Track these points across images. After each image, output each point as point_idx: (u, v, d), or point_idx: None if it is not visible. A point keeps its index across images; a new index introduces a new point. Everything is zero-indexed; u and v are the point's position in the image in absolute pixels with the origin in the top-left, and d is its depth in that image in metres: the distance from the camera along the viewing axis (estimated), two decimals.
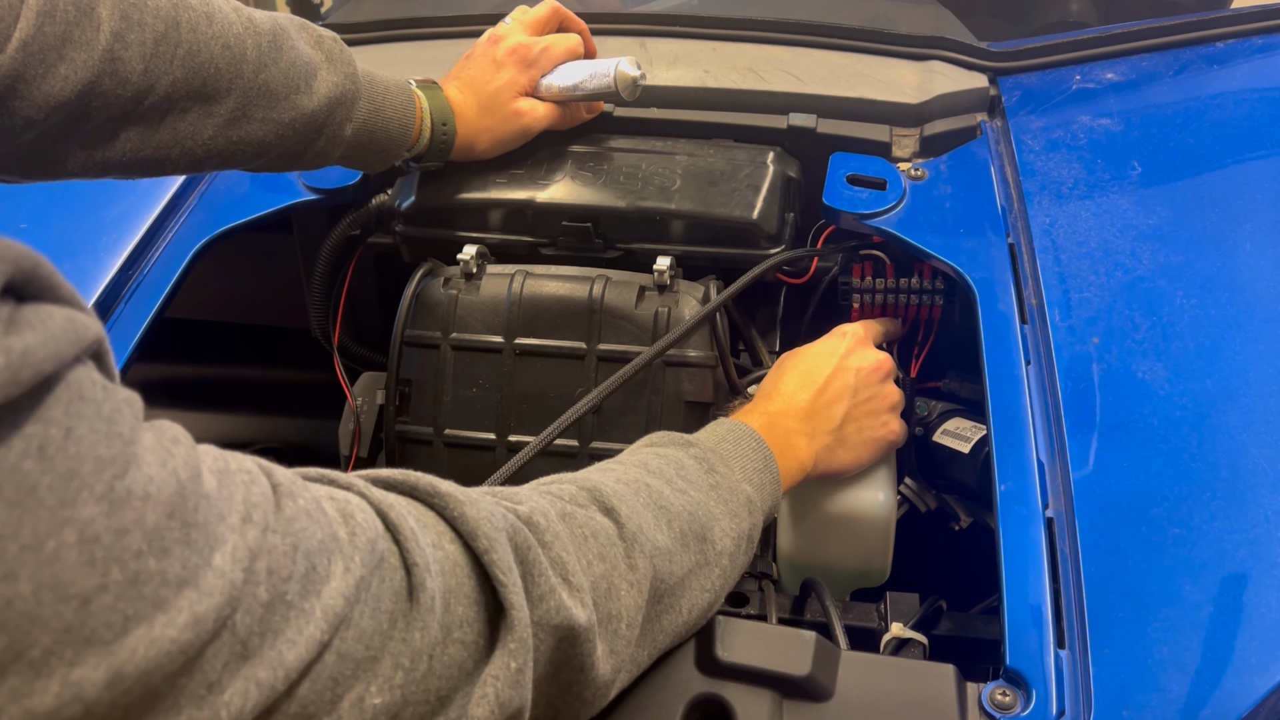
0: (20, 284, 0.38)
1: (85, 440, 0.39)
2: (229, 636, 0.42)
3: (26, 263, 0.38)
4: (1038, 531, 0.77)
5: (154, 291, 1.02)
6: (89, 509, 0.38)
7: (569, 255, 1.04)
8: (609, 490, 0.67)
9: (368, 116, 0.93)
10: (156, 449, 0.42)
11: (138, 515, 0.40)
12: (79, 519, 0.38)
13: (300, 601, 0.45)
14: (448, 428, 0.99)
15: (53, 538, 0.37)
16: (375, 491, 0.54)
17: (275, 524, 0.45)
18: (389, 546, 0.51)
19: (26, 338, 0.37)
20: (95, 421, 0.39)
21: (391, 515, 0.52)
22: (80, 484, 0.38)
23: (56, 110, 0.75)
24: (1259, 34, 1.22)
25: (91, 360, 0.42)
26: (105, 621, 0.38)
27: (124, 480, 0.39)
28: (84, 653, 0.38)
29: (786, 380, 0.89)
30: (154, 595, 0.40)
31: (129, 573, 0.39)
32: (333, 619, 0.46)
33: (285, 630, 0.44)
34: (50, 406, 0.38)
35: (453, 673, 0.52)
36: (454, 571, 0.54)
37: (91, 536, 0.38)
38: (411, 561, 0.51)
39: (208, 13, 0.83)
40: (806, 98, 1.12)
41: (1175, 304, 0.90)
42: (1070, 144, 1.07)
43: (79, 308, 0.41)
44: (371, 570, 0.49)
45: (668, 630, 0.67)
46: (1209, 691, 0.67)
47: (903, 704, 0.68)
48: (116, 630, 0.39)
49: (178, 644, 0.40)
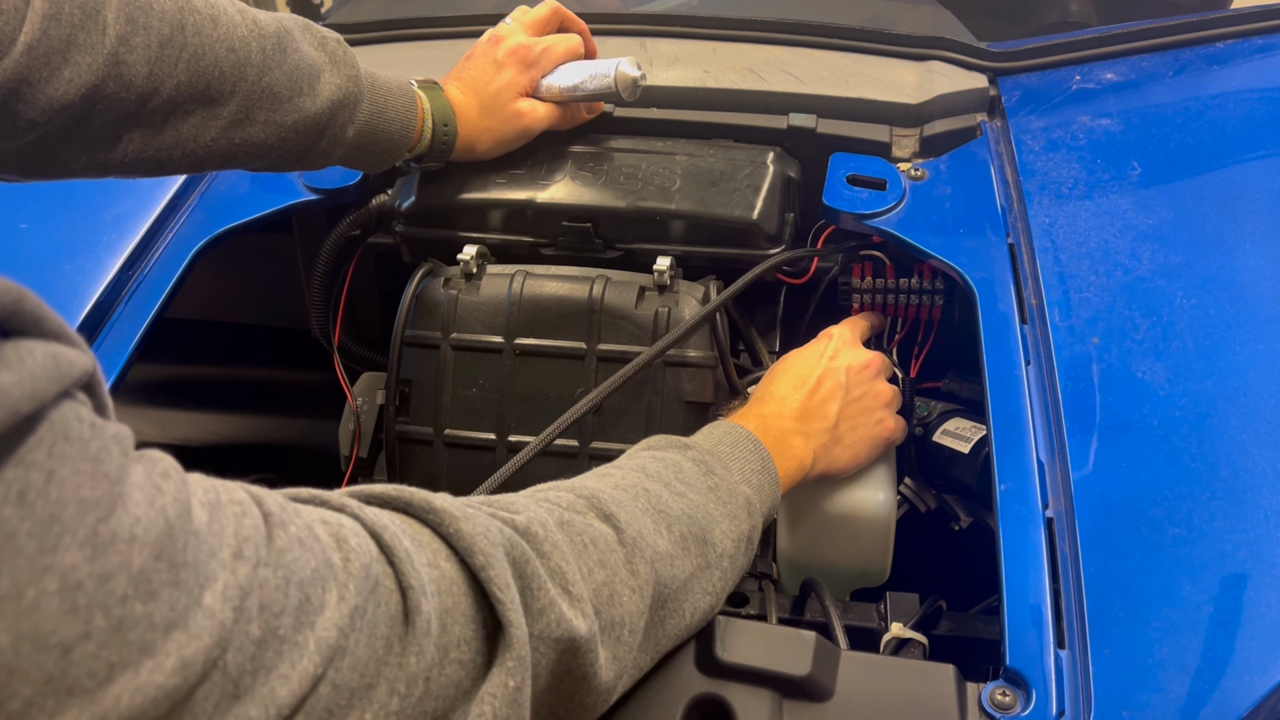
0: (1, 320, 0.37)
1: (68, 483, 0.38)
2: (219, 677, 0.41)
3: (7, 298, 0.37)
4: (1038, 531, 0.77)
5: (154, 291, 1.02)
6: (71, 555, 0.37)
7: (569, 255, 1.04)
8: (607, 496, 0.66)
9: (370, 118, 0.93)
10: (145, 486, 0.41)
11: (123, 559, 0.39)
12: (60, 566, 0.37)
13: (293, 635, 0.44)
14: (448, 428, 0.99)
15: (32, 586, 0.36)
16: (369, 512, 0.53)
17: (267, 557, 0.44)
18: (383, 570, 0.50)
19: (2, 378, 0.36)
20: (79, 462, 0.38)
21: (385, 537, 0.51)
22: (62, 529, 0.37)
23: (60, 112, 0.74)
24: (1259, 34, 1.22)
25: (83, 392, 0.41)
26: (88, 670, 0.37)
27: (109, 523, 0.38)
28: (66, 703, 0.37)
29: (778, 384, 0.89)
30: (140, 640, 0.39)
31: (113, 619, 0.38)
32: (327, 651, 0.45)
33: (278, 666, 0.43)
34: (31, 449, 0.37)
35: (450, 693, 0.52)
36: (450, 590, 0.53)
37: (74, 583, 0.37)
38: (407, 584, 0.50)
39: (213, 16, 0.82)
40: (806, 98, 1.12)
41: (1175, 304, 0.90)
42: (1070, 144, 1.07)
43: (66, 341, 0.40)
44: (366, 597, 0.48)
45: (669, 634, 0.67)
46: (1209, 691, 0.67)
47: (903, 704, 0.68)
48: (100, 679, 0.38)
49: (164, 689, 0.39)
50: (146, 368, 1.16)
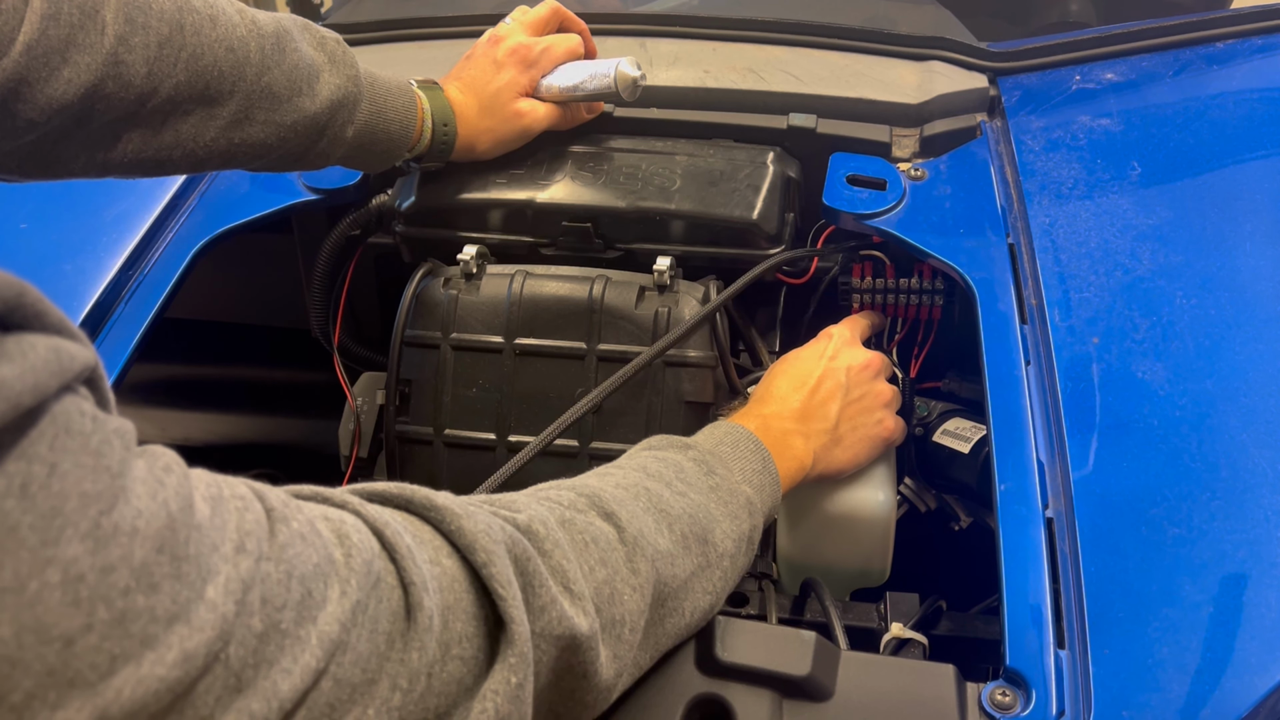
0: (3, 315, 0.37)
1: (70, 476, 0.38)
2: (221, 670, 0.41)
3: (9, 292, 0.37)
4: (1037, 531, 0.77)
5: (154, 291, 1.02)
6: (73, 547, 0.37)
7: (569, 255, 1.04)
8: (608, 495, 0.67)
9: (369, 118, 0.93)
10: (147, 480, 0.41)
11: (125, 551, 0.39)
12: (63, 558, 0.37)
13: (295, 629, 0.44)
14: (448, 428, 0.99)
15: (35, 578, 0.36)
16: (370, 509, 0.53)
17: (269, 551, 0.45)
18: (385, 565, 0.50)
19: (4, 371, 0.36)
20: (81, 456, 0.38)
21: (387, 533, 0.51)
22: (64, 522, 0.37)
23: (59, 113, 0.74)
24: (1259, 34, 1.22)
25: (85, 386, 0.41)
26: (90, 662, 0.38)
27: (111, 516, 0.39)
28: (67, 695, 0.37)
29: (778, 384, 0.89)
30: (142, 633, 0.39)
31: (115, 611, 0.38)
32: (329, 645, 0.46)
33: (280, 660, 0.44)
34: (33, 442, 0.37)
35: (452, 689, 0.52)
36: (452, 587, 0.53)
37: (76, 576, 0.37)
38: (409, 580, 0.50)
39: (212, 15, 0.82)
40: (806, 98, 1.12)
41: (1175, 304, 0.90)
42: (1070, 144, 1.07)
43: (68, 335, 0.40)
44: (368, 592, 0.48)
45: (670, 633, 0.67)
46: (1209, 691, 0.67)
47: (903, 704, 0.68)
48: (102, 671, 0.38)
49: (166, 682, 0.39)
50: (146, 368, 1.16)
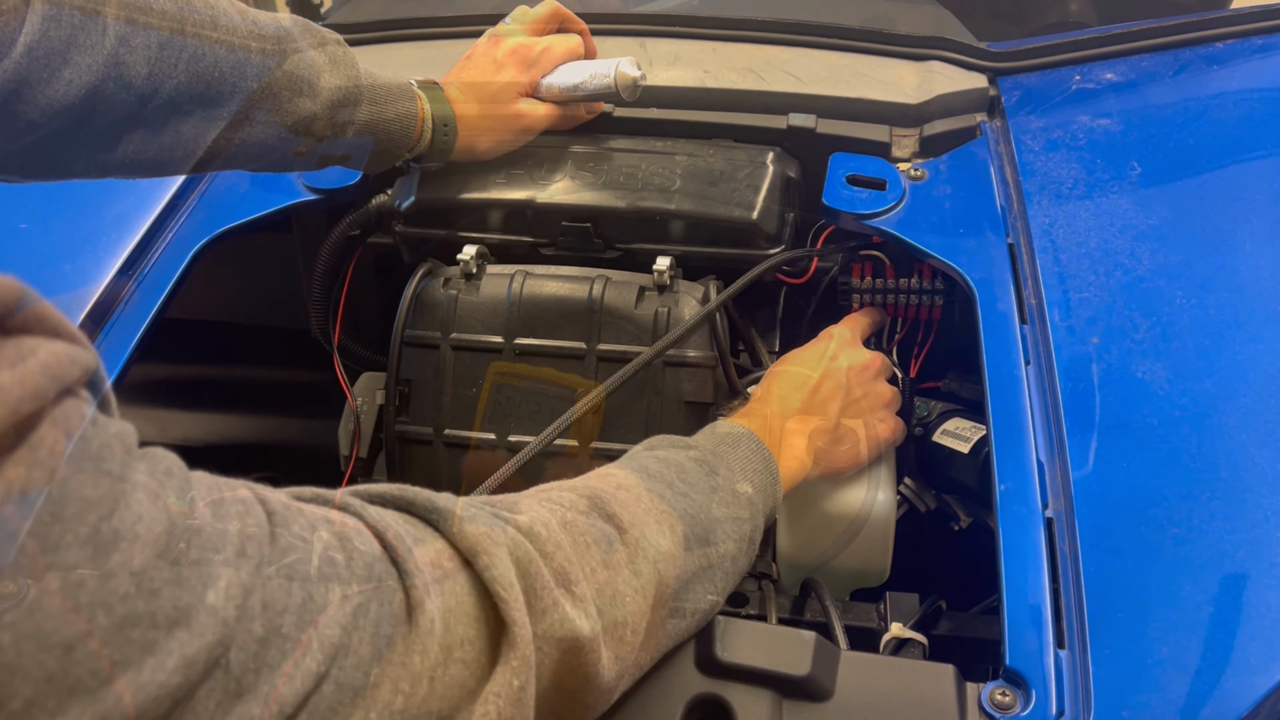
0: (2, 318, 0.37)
1: (70, 481, 0.38)
2: (222, 675, 0.41)
3: (9, 295, 0.37)
4: (1037, 531, 0.77)
5: (154, 291, 1.02)
6: (73, 554, 0.37)
7: (569, 255, 1.04)
8: (609, 496, 0.66)
9: (370, 118, 0.93)
10: (148, 484, 0.41)
11: (125, 557, 0.38)
12: (62, 564, 0.37)
13: (296, 633, 0.44)
14: (448, 428, 0.99)
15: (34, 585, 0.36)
16: (371, 511, 0.53)
17: (270, 555, 0.44)
18: (386, 568, 0.50)
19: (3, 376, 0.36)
20: (81, 461, 0.38)
21: (389, 536, 0.51)
22: (64, 528, 0.37)
23: (60, 114, 0.74)
24: (1259, 34, 1.22)
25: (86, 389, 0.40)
26: (90, 669, 0.37)
27: (111, 521, 0.38)
28: (67, 702, 0.37)
29: (779, 384, 0.89)
30: (142, 639, 0.39)
31: (116, 617, 0.38)
32: (330, 649, 0.45)
33: (281, 664, 0.43)
34: (33, 447, 0.37)
35: (454, 692, 0.52)
36: (454, 590, 0.53)
37: (75, 582, 0.37)
38: (410, 583, 0.50)
39: (212, 16, 0.83)
40: (806, 98, 1.12)
41: (1175, 304, 0.90)
42: (1070, 144, 1.07)
43: (69, 338, 0.40)
44: (369, 595, 0.48)
45: (671, 633, 0.67)
46: (1209, 691, 0.67)
47: (902, 704, 0.68)
48: (102, 677, 0.38)
49: (167, 688, 0.39)
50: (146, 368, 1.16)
